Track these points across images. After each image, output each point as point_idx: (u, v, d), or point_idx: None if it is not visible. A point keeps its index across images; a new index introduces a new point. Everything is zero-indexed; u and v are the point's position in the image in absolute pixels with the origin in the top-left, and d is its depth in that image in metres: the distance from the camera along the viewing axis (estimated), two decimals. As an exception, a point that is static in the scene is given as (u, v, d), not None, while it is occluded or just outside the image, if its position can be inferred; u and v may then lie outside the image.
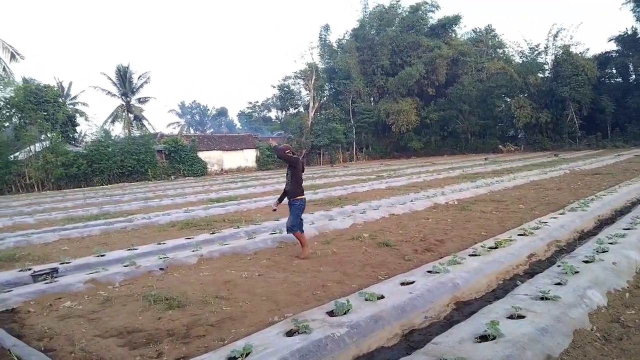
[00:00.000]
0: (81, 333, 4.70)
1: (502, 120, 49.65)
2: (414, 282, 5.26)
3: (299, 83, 54.23)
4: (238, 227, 10.01)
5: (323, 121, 48.31)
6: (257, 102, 60.79)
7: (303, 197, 7.42)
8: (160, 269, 7.01)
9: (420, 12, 53.02)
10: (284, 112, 57.49)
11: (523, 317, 4.07)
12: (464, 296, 5.19)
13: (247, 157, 44.64)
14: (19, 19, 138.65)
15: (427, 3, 53.00)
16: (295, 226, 7.30)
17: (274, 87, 55.80)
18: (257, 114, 61.43)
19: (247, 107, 62.14)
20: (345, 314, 4.35)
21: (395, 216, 10.91)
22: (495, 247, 6.67)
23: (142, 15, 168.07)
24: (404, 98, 49.33)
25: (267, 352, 3.66)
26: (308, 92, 50.24)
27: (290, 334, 4.01)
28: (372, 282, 5.73)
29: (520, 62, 48.86)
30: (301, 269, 6.72)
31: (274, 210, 8.03)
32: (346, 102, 50.97)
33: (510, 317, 4.10)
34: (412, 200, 12.96)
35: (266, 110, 61.17)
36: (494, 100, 47.74)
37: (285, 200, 7.56)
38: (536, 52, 47.86)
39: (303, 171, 7.61)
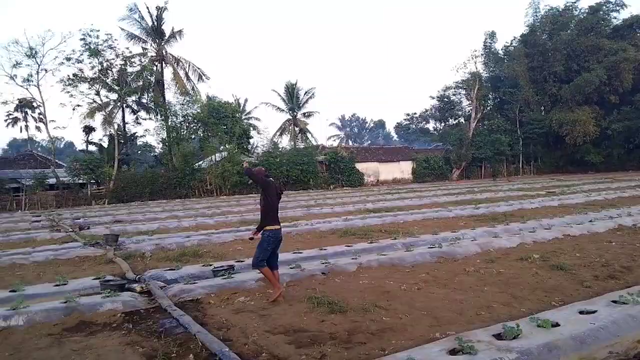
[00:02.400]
0: (253, 327, 5.13)
1: None
2: (595, 311, 4.72)
3: (459, 93, 52.43)
4: (395, 239, 10.02)
5: (485, 132, 45.91)
6: (414, 113, 60.30)
7: (274, 228, 6.26)
8: (323, 273, 7.34)
9: (602, 12, 47.25)
10: (442, 123, 56.04)
11: None
12: (661, 334, 4.45)
13: (402, 169, 44.46)
14: (206, 44, 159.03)
15: (610, 2, 47.05)
16: (260, 261, 6.14)
17: (433, 97, 54.82)
18: (414, 126, 60.89)
19: (404, 119, 61.99)
20: (514, 338, 4.06)
21: (571, 237, 9.87)
22: None
23: (309, 35, 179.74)
24: (580, 107, 44.47)
25: (430, 368, 3.57)
26: (470, 102, 48.17)
27: (453, 352, 3.87)
28: (544, 308, 5.27)
29: None
30: (463, 286, 6.45)
31: (250, 239, 6.84)
32: (512, 112, 47.67)
33: None
34: (590, 221, 11.64)
35: (424, 122, 60.30)
36: (697, 108, 40.51)
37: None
38: None
39: (279, 198, 6.46)
